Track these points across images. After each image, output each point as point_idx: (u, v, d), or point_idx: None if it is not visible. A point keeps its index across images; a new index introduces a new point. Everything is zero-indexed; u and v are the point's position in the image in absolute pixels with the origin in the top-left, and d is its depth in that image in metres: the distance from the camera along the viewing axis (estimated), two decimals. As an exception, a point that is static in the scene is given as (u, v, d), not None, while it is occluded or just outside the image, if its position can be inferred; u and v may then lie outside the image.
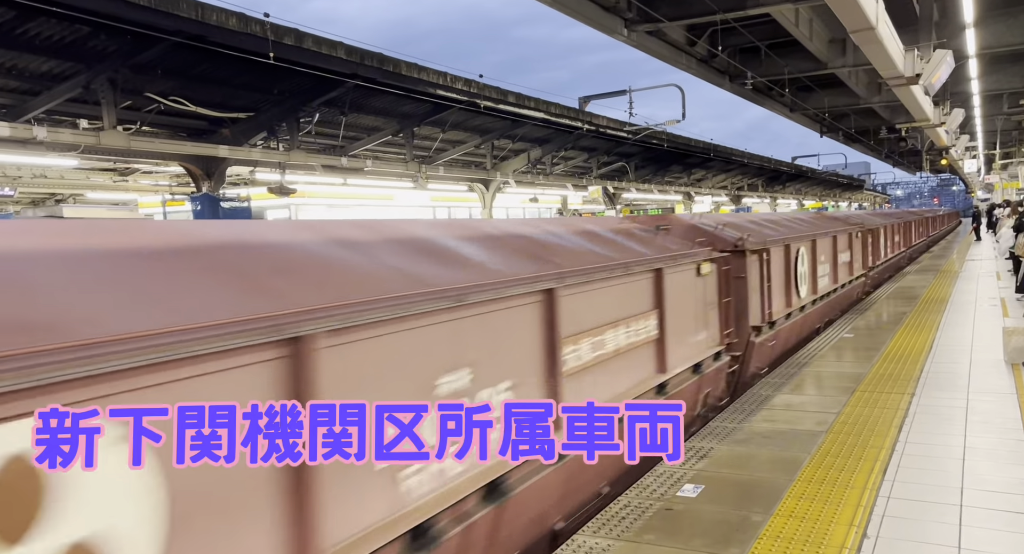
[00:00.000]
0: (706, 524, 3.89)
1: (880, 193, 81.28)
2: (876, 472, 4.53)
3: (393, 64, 11.77)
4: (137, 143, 10.31)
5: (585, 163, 24.64)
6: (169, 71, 10.31)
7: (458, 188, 19.77)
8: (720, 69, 18.04)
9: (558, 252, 4.63)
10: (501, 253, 4.17)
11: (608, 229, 5.93)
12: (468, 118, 16.10)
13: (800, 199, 47.61)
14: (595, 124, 18.75)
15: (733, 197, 37.18)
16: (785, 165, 38.21)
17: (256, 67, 10.24)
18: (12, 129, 8.98)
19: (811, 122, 26.66)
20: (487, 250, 4.15)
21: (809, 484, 4.37)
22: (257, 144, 13.17)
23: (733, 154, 29.43)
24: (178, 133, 12.38)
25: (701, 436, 5.42)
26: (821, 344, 8.82)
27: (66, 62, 9.58)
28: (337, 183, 15.42)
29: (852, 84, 20.19)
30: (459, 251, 3.96)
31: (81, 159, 10.27)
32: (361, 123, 14.88)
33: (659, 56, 15.39)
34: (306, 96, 12.26)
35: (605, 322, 4.69)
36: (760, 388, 6.79)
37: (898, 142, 32.60)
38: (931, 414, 5.72)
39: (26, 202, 17.02)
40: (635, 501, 4.23)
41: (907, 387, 6.55)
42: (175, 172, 14.59)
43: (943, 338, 8.81)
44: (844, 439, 5.18)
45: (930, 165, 36.81)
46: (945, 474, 4.47)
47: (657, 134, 21.15)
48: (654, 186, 28.50)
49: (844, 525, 3.80)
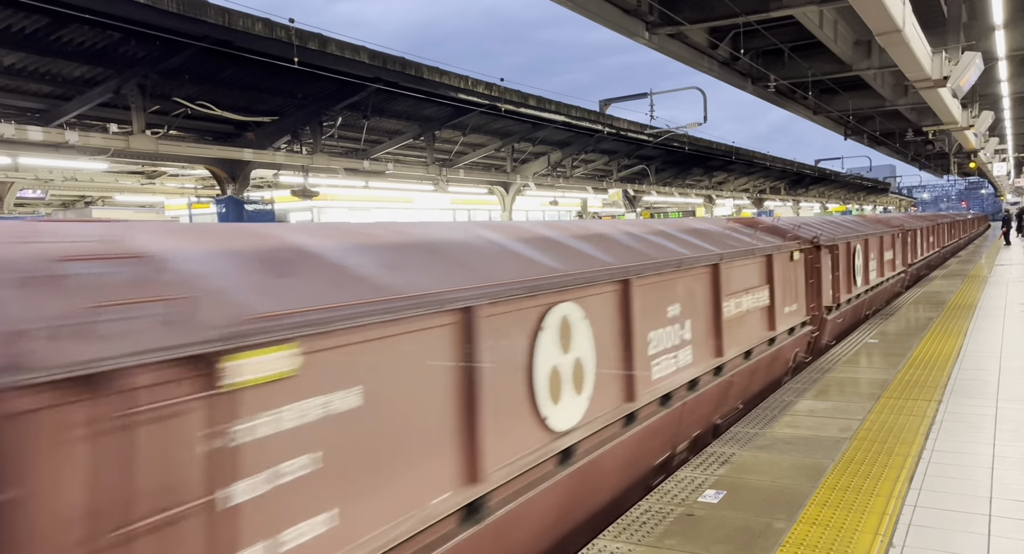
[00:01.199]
0: (728, 530, 3.86)
1: (906, 196, 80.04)
2: (902, 480, 4.46)
3: (415, 68, 11.87)
4: (165, 147, 10.50)
5: (605, 166, 24.60)
6: (196, 76, 10.50)
7: (478, 191, 19.84)
8: (742, 72, 17.93)
9: (715, 239, 6.73)
10: (674, 241, 6.13)
11: (724, 227, 7.63)
12: (489, 121, 16.16)
13: (823, 202, 47.06)
14: (616, 127, 18.72)
15: (755, 200, 36.86)
16: (808, 168, 37.80)
17: (281, 71, 10.39)
18: (45, 133, 9.20)
19: (835, 125, 26.36)
20: (670, 239, 6.12)
21: (833, 491, 4.32)
22: (281, 147, 13.34)
23: (755, 157, 29.19)
24: (204, 137, 12.59)
25: (723, 441, 5.39)
26: (845, 349, 8.72)
27: (97, 67, 9.79)
28: (359, 186, 15.57)
29: (877, 86, 19.94)
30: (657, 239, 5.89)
31: (111, 162, 10.48)
32: (383, 126, 15.01)
33: (680, 59, 15.33)
34: (329, 100, 12.40)
35: (741, 289, 6.70)
36: (783, 394, 6.73)
37: (925, 145, 32.11)
38: (959, 422, 5.63)
39: (57, 204, 17.39)
40: (656, 506, 4.22)
41: (934, 394, 6.45)
42: (200, 175, 14.83)
43: (971, 344, 8.66)
44: (869, 446, 5.12)
45: (958, 168, 36.19)
46: (973, 483, 4.40)
47: (678, 137, 21.06)
48: (675, 189, 28.35)
49: (869, 533, 3.75)
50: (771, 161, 31.10)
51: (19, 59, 9.23)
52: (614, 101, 21.63)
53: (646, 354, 4.94)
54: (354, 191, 16.98)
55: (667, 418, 5.23)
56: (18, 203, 14.01)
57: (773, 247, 7.49)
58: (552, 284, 3.87)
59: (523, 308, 3.70)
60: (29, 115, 10.30)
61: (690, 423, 5.73)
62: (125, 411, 1.91)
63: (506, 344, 3.57)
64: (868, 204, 58.56)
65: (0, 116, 9.57)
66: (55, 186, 14.13)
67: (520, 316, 3.69)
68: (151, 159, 11.13)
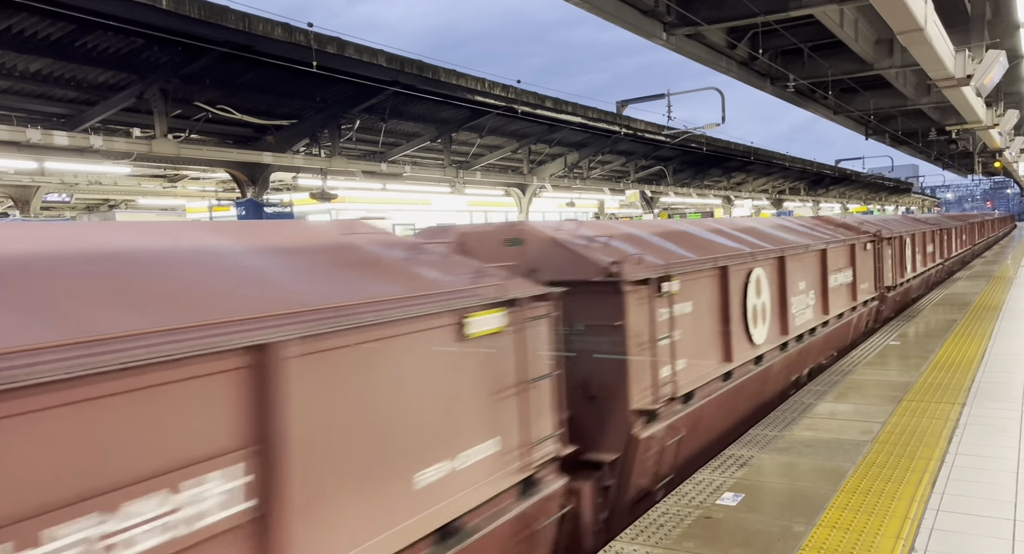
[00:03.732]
0: (746, 533, 3.83)
1: (929, 196, 78.84)
2: (924, 484, 4.40)
3: (432, 71, 11.93)
4: (186, 150, 10.66)
5: (623, 167, 24.52)
6: (217, 80, 10.64)
7: (495, 193, 19.88)
8: (761, 72, 17.78)
9: (813, 231, 9.25)
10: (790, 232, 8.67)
11: (812, 223, 10.22)
12: (505, 123, 16.19)
13: (843, 203, 46.52)
14: (632, 128, 18.66)
15: (774, 201, 36.53)
16: (828, 168, 37.39)
17: (300, 75, 10.49)
18: (71, 138, 9.38)
19: (856, 124, 26.05)
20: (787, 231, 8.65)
21: (854, 495, 4.27)
22: (299, 150, 13.47)
23: (774, 157, 28.93)
24: (225, 140, 12.75)
25: (741, 444, 5.35)
26: (866, 352, 8.61)
27: (121, 73, 9.96)
28: (376, 188, 15.67)
29: (899, 85, 19.68)
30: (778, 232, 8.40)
31: (134, 166, 10.65)
32: (400, 129, 15.10)
33: (699, 59, 15.25)
34: (347, 103, 12.50)
35: (836, 269, 9.15)
36: (802, 396, 6.67)
37: (948, 144, 31.63)
38: (983, 425, 5.54)
39: (81, 208, 17.70)
40: (674, 508, 4.20)
41: (957, 397, 6.35)
42: (221, 178, 15.01)
43: (996, 347, 8.51)
44: (891, 449, 5.05)
45: (982, 168, 35.60)
46: (998, 487, 4.33)
47: (696, 137, 20.94)
48: (693, 190, 28.19)
49: (891, 538, 3.70)
50: (790, 161, 30.81)
51: (45, 65, 9.42)
52: (631, 102, 21.57)
53: (790, 304, 7.49)
54: (371, 193, 17.09)
55: (801, 350, 7.84)
56: (44, 206, 14.28)
57: (854, 237, 10.00)
58: (751, 256, 6.63)
59: (740, 269, 6.38)
60: (55, 120, 10.50)
61: (809, 357, 8.27)
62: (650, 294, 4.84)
63: (736, 288, 6.29)
64: (890, 204, 57.78)
65: (27, 121, 9.77)
66: (80, 190, 14.39)
67: (739, 273, 6.36)
68: (173, 163, 11.29)
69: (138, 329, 2.03)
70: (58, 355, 1.78)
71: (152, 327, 2.07)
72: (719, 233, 7.02)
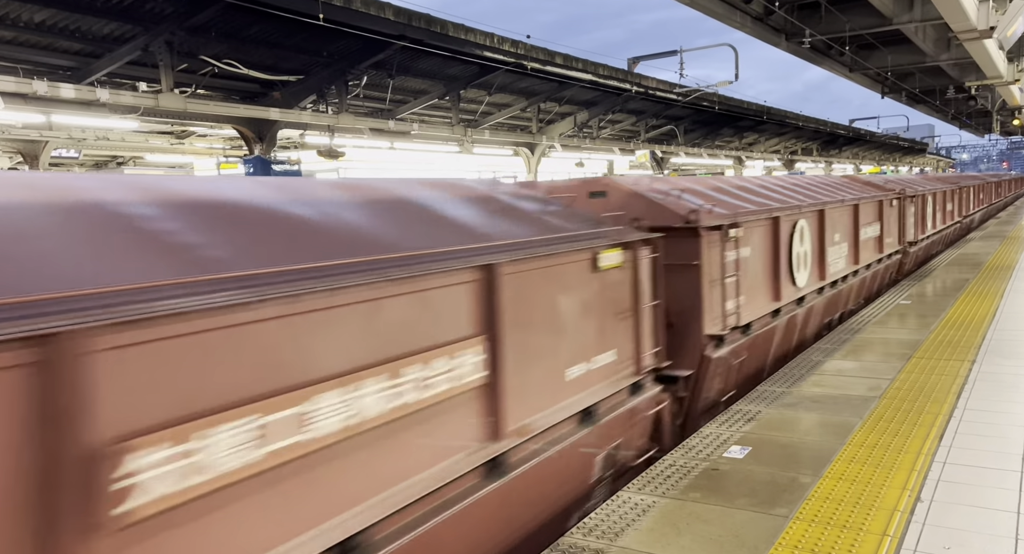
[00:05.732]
0: (753, 484, 3.89)
1: (944, 157, 77.53)
2: (932, 438, 4.44)
3: (440, 25, 11.68)
4: (193, 105, 10.55)
5: (633, 127, 24.16)
6: (222, 33, 10.46)
7: (503, 153, 19.66)
8: (776, 27, 17.33)
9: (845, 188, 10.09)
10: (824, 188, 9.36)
11: (842, 181, 10.96)
12: (514, 80, 15.92)
13: (857, 164, 45.84)
14: (644, 86, 18.31)
15: (786, 162, 36.04)
16: (842, 128, 36.71)
17: (306, 29, 10.30)
18: (77, 91, 9.29)
19: (872, 82, 25.48)
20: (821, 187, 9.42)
21: (860, 448, 4.31)
22: (306, 107, 13.31)
23: (787, 117, 28.41)
24: (231, 96, 12.60)
25: (748, 399, 5.39)
26: (876, 310, 8.59)
27: (126, 24, 9.80)
28: (384, 147, 15.52)
29: (919, 40, 19.16)
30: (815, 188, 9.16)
31: (141, 121, 10.57)
32: (408, 86, 14.87)
33: (712, 14, 14.87)
34: (354, 58, 12.29)
35: (865, 223, 9.91)
36: (810, 353, 6.68)
37: (966, 102, 30.95)
38: (993, 381, 5.55)
39: (90, 165, 17.66)
40: (681, 461, 4.25)
41: (968, 354, 6.35)
42: (228, 135, 14.89)
43: (1008, 305, 8.47)
44: (899, 405, 5.08)
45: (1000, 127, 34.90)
46: (1005, 441, 4.35)
47: (708, 96, 20.54)
48: (704, 150, 27.81)
49: (897, 489, 3.75)
50: (803, 121, 30.25)
51: (49, 15, 9.28)
52: (643, 59, 21.13)
53: (827, 253, 8.21)
54: (378, 153, 16.90)
55: (835, 295, 8.66)
56: (53, 162, 14.26)
57: (882, 194, 10.75)
58: (796, 207, 7.31)
59: (788, 220, 7.13)
60: (61, 73, 10.39)
61: (841, 302, 9.10)
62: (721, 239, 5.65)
63: (785, 236, 7.05)
64: (904, 165, 56.88)
65: (32, 73, 9.67)
66: (88, 145, 14.31)
67: (787, 223, 7.13)
68: (180, 118, 11.19)
69: (428, 248, 3.10)
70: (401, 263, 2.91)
71: (433, 248, 3.11)
72: (766, 188, 7.87)
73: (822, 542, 3.23)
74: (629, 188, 5.54)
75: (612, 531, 3.42)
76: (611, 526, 3.47)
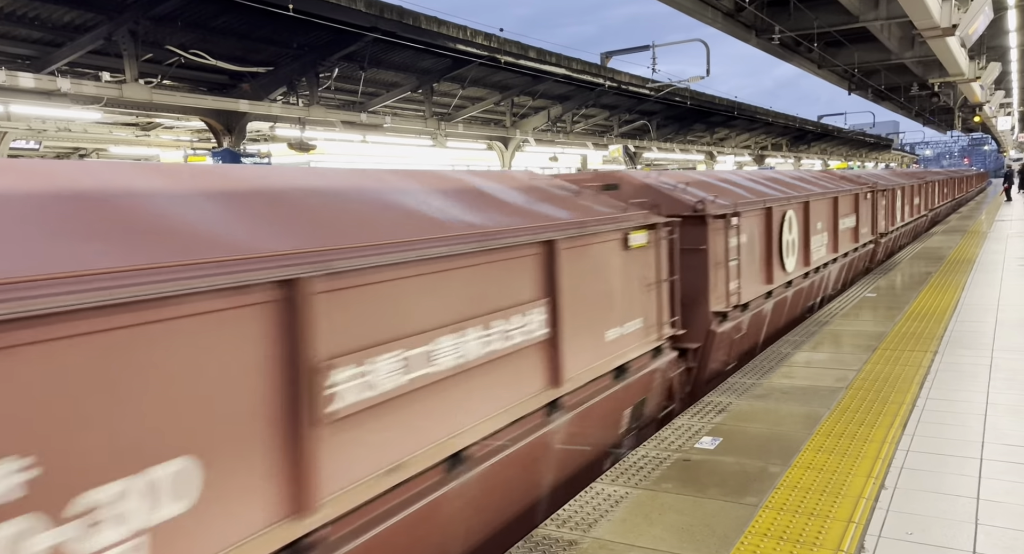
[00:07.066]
0: (724, 474, 3.94)
1: (908, 153, 79.25)
2: (896, 426, 4.54)
3: (413, 17, 11.58)
4: (159, 96, 10.32)
5: (606, 121, 24.27)
6: (189, 23, 10.24)
7: (477, 146, 19.60)
8: (747, 23, 17.53)
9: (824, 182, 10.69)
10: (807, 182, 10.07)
11: (819, 175, 11.61)
12: (488, 74, 15.87)
13: (825, 159, 46.64)
14: (617, 80, 18.39)
15: (756, 157, 36.51)
16: (810, 124, 37.32)
17: (275, 19, 10.13)
18: (37, 80, 9.02)
19: (839, 79, 25.92)
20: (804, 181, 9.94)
21: (828, 437, 4.40)
22: (277, 99, 13.11)
23: (757, 112, 28.78)
24: (198, 87, 12.35)
25: (720, 391, 5.46)
26: (843, 303, 8.76)
27: (88, 13, 9.54)
28: (356, 140, 15.36)
29: (884, 38, 19.54)
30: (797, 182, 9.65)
31: (104, 112, 10.31)
32: (380, 79, 14.73)
33: (684, 9, 14.97)
34: (325, 50, 12.13)
35: (844, 213, 10.49)
36: (780, 346, 6.79)
37: (930, 98, 31.67)
38: (954, 371, 5.70)
39: (51, 156, 17.19)
40: (653, 453, 4.29)
41: (930, 345, 6.51)
42: (196, 127, 14.61)
43: (969, 298, 8.70)
44: (864, 395, 5.19)
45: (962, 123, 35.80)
46: (966, 429, 4.48)
47: (680, 91, 20.71)
48: (676, 145, 28.04)
49: (862, 476, 3.83)
50: (773, 117, 30.68)
51: (8, 3, 8.99)
52: (616, 53, 21.20)
53: (811, 241, 8.84)
54: (350, 146, 16.73)
55: (818, 279, 9.31)
56: (12, 153, 13.84)
57: (857, 188, 11.35)
58: (786, 199, 7.94)
59: (779, 210, 7.69)
60: (19, 62, 10.08)
61: (825, 286, 9.78)
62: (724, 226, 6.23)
63: (776, 225, 7.59)
64: (870, 161, 58.02)
65: (-11, 63, 9.37)
66: (48, 137, 13.92)
67: (778, 213, 7.67)
68: (145, 109, 10.94)
69: (499, 226, 3.68)
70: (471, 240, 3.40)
71: (500, 227, 3.71)
72: (757, 181, 8.62)
73: (791, 529, 3.29)
74: (641, 181, 6.15)
75: (586, 522, 3.44)
76: (584, 517, 3.49)
